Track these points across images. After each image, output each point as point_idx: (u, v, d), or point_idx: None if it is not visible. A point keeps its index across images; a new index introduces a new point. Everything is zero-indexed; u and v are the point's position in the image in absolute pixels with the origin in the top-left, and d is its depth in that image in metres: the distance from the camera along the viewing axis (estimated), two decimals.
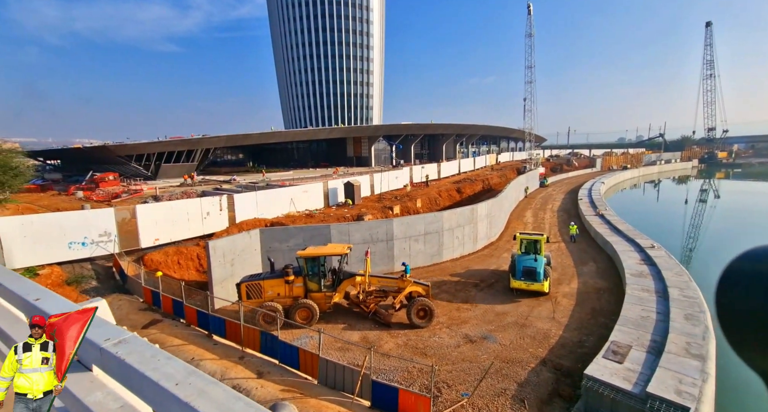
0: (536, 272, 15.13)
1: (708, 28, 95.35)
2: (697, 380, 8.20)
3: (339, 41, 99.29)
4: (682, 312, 11.53)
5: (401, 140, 69.80)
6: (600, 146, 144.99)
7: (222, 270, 15.41)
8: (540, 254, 16.06)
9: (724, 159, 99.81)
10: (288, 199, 25.30)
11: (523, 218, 32.63)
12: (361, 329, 13.45)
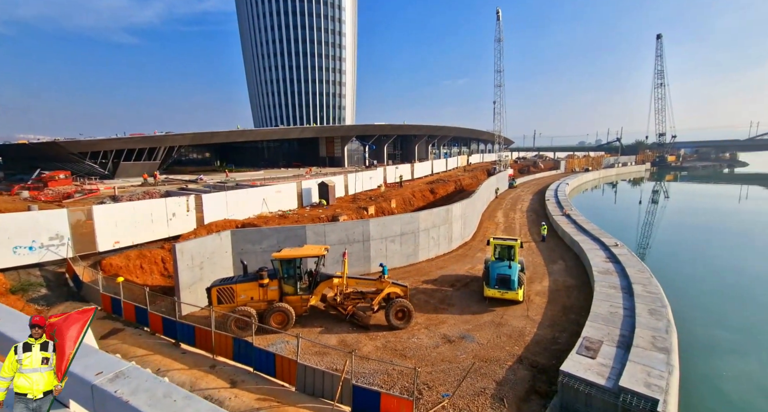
0: (510, 280, 14.78)
1: (658, 41, 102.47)
2: (664, 372, 8.66)
3: (310, 39, 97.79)
4: (647, 307, 12.19)
5: (374, 141, 69.71)
6: (563, 149, 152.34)
7: (190, 274, 14.57)
8: (514, 260, 15.77)
9: (673, 162, 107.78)
10: (260, 199, 24.45)
11: (494, 218, 33.48)
12: (339, 332, 13.17)
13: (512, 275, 14.85)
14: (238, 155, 72.65)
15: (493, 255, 16.63)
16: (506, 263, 15.59)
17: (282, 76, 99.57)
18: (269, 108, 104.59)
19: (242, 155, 72.45)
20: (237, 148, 71.67)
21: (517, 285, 14.76)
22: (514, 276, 14.84)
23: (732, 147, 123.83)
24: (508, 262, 15.65)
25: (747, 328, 15.83)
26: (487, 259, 17.14)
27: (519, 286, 14.80)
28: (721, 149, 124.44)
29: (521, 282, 15.00)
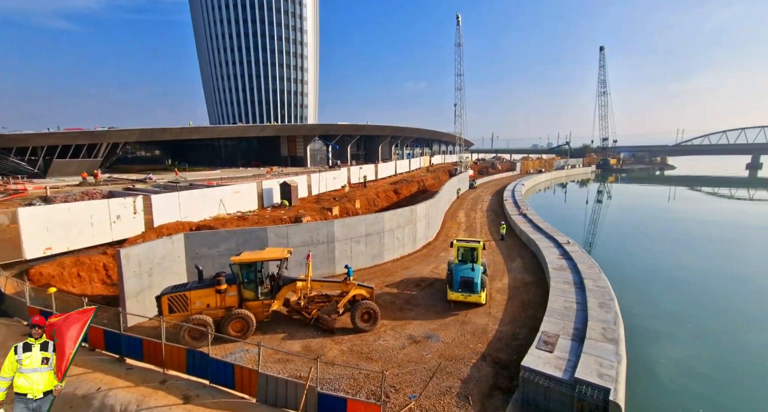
0: (473, 282, 14.68)
1: (601, 52, 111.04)
2: (614, 362, 9.24)
3: (270, 35, 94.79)
4: (597, 301, 13.02)
5: (337, 141, 69.00)
6: (518, 151, 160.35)
7: (137, 281, 13.40)
8: (477, 262, 15.80)
9: (615, 165, 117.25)
10: (217, 200, 23.16)
11: (456, 218, 34.35)
12: (303, 338, 12.74)
13: (475, 278, 14.77)
14: (192, 154, 68.71)
15: (456, 257, 16.53)
16: (469, 265, 15.56)
17: (240, 71, 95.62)
18: (226, 104, 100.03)
19: (197, 154, 68.64)
20: (191, 146, 67.77)
21: (480, 288, 14.69)
22: (477, 279, 14.77)
23: (662, 152, 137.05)
24: (471, 264, 15.63)
25: (681, 315, 17.45)
26: (450, 261, 17.05)
27: (482, 288, 14.74)
28: (654, 154, 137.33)
29: (484, 284, 14.95)
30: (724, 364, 13.55)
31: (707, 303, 19.03)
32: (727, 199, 62.63)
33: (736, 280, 22.41)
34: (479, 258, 16.04)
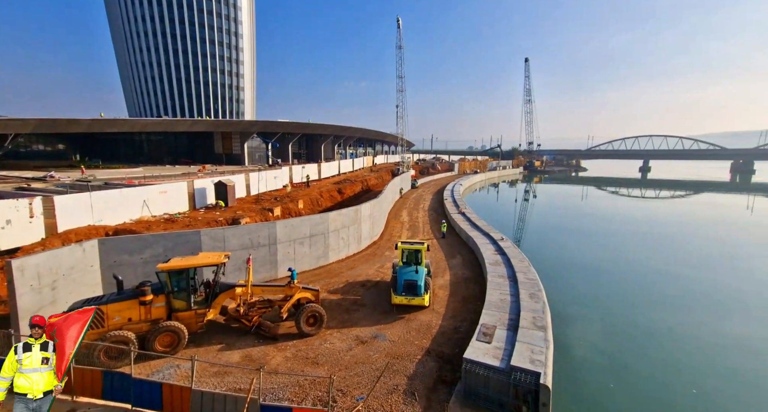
0: (417, 285, 14.51)
1: (527, 63, 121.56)
2: (543, 348, 10.13)
3: (200, 23, 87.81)
4: (527, 292, 14.18)
5: (278, 138, 66.23)
6: (455, 153, 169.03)
7: (35, 297, 11.44)
8: (421, 265, 15.71)
9: (539, 167, 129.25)
10: (140, 201, 20.78)
11: (400, 217, 35.05)
12: (242, 347, 11.97)
13: (419, 281, 14.61)
14: (107, 149, 60.84)
15: (400, 260, 16.30)
16: (413, 267, 15.41)
17: (165, 60, 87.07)
18: (147, 95, 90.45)
19: (113, 149, 61.00)
20: (106, 141, 59.96)
21: (424, 290, 14.57)
22: (421, 281, 14.63)
23: (577, 155, 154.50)
24: (415, 266, 15.50)
25: (593, 299, 19.76)
26: (395, 263, 16.94)
27: (426, 291, 14.66)
28: (570, 157, 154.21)
29: (428, 286, 14.88)
30: (631, 340, 15.64)
31: (614, 287, 21.82)
32: (626, 197, 72.68)
33: (636, 267, 26.03)
34: (423, 260, 16.00)
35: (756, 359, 14.24)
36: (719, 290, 21.63)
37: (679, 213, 53.58)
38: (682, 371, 13.49)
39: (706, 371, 13.53)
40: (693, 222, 45.33)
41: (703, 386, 12.55)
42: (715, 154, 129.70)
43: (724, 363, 14.02)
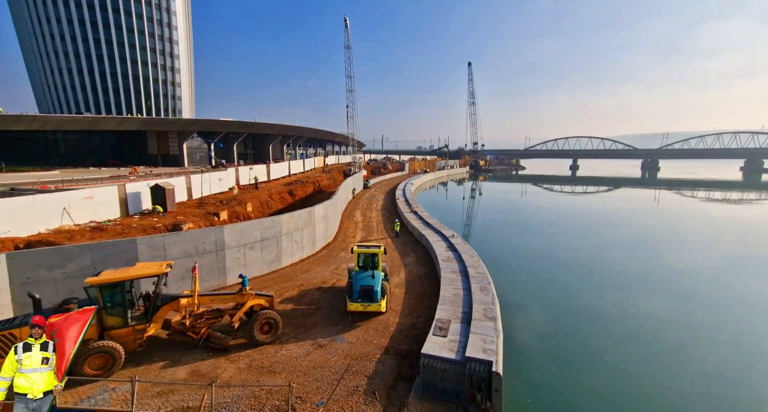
0: (373, 291, 13.97)
1: (470, 67, 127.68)
2: (494, 337, 10.76)
3: (126, 10, 79.95)
4: (478, 286, 14.94)
5: (221, 138, 62.58)
6: (405, 153, 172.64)
7: None
8: (377, 269, 15.19)
9: (483, 166, 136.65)
10: (59, 208, 18.42)
11: (353, 217, 34.96)
12: (190, 362, 11.15)
13: (375, 286, 14.11)
14: (11, 150, 52.73)
15: (356, 264, 15.75)
16: (369, 272, 14.86)
17: (84, 50, 78.04)
18: (62, 89, 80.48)
19: (20, 150, 52.99)
20: (10, 140, 51.97)
21: (380, 295, 14.08)
22: (377, 286, 14.12)
23: (516, 155, 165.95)
24: (371, 271, 14.92)
25: (534, 288, 21.40)
26: (350, 267, 16.46)
27: (382, 296, 14.21)
28: (510, 156, 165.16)
29: (384, 291, 14.39)
30: (567, 323, 17.18)
31: (551, 275, 23.81)
32: (559, 193, 79.61)
33: (569, 255, 28.63)
34: (380, 263, 15.45)
35: (666, 326, 16.43)
36: (636, 271, 24.58)
37: (603, 205, 59.94)
38: (610, 348, 15.13)
39: (629, 345, 15.30)
40: (614, 213, 50.92)
41: (629, 359, 14.19)
42: (630, 154, 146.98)
43: (643, 334, 15.97)
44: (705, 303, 19.69)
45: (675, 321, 17.41)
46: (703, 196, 71.18)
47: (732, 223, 43.88)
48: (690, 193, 76.32)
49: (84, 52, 77.98)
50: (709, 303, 19.69)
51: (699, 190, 79.99)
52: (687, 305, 19.27)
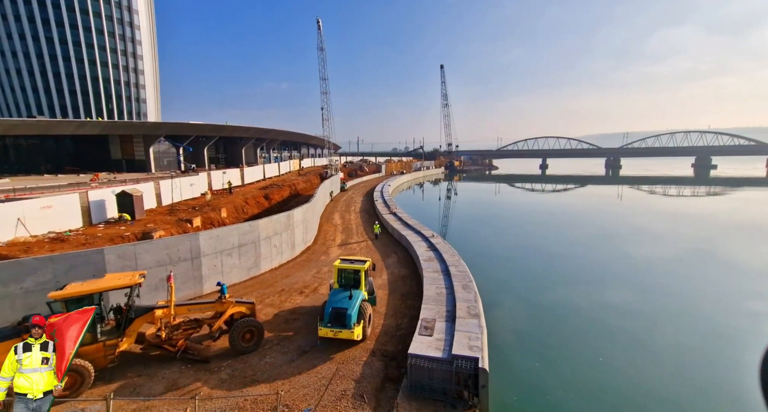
0: (347, 315, 11.85)
1: (442, 70, 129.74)
2: (479, 334, 10.95)
3: (82, 8, 75.52)
4: (460, 284, 15.17)
5: (191, 142, 60.24)
6: (381, 154, 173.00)
7: None
8: (360, 288, 13.20)
9: (458, 166, 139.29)
10: (12, 219, 17.07)
11: (332, 220, 34.63)
12: (167, 376, 10.63)
13: (349, 309, 12.00)
14: None
15: (336, 281, 13.65)
16: (347, 292, 12.80)
17: (35, 49, 72.93)
18: (11, 91, 75.02)
19: None
20: None
21: (356, 319, 12.01)
22: (353, 310, 12.04)
23: (489, 155, 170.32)
24: (350, 291, 12.89)
25: (516, 283, 22.00)
26: (331, 283, 14.46)
27: (359, 320, 12.09)
28: (483, 157, 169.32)
29: (362, 314, 12.33)
30: (544, 317, 17.76)
31: (527, 270, 24.58)
32: (531, 192, 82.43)
33: (542, 251, 29.66)
34: (363, 282, 13.38)
35: (639, 318, 17.33)
36: (607, 265, 25.82)
37: (573, 203, 62.61)
38: (589, 341, 15.75)
39: (606, 338, 16.01)
40: (584, 209, 53.31)
41: (607, 352, 14.81)
42: (594, 153, 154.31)
43: (618, 327, 16.76)
44: (672, 293, 20.91)
45: (646, 312, 18.37)
46: (661, 192, 75.87)
47: (691, 218, 47.03)
48: (649, 189, 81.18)
49: (35, 52, 72.92)
50: (676, 293, 20.95)
51: (657, 186, 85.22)
52: (655, 296, 20.40)
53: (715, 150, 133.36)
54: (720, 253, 29.27)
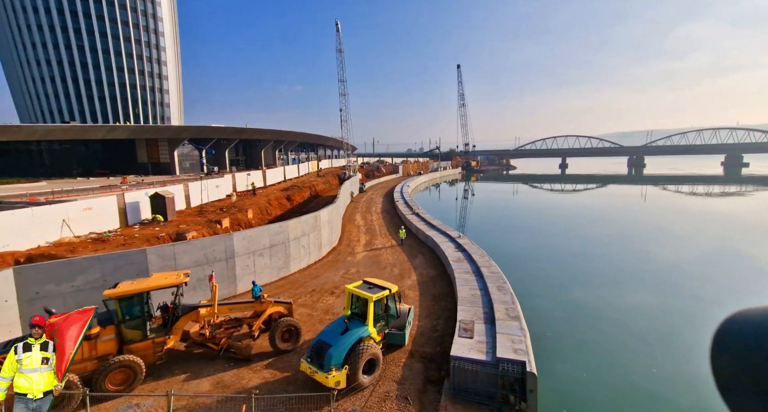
0: (326, 354, 9.54)
1: (458, 70, 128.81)
2: (521, 337, 10.73)
3: (111, 18, 78.56)
4: (495, 285, 14.94)
5: (213, 145, 61.71)
6: (396, 155, 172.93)
7: None
8: (366, 322, 10.50)
9: (475, 167, 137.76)
10: (58, 220, 17.81)
11: (354, 221, 34.75)
12: (211, 374, 10.85)
13: (334, 347, 9.62)
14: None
15: (348, 307, 11.41)
16: (353, 323, 10.59)
17: (67, 57, 76.23)
18: (45, 98, 78.54)
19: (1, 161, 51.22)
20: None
21: (340, 361, 9.48)
22: (338, 349, 9.58)
23: (506, 155, 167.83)
24: (357, 322, 10.67)
25: (551, 286, 21.51)
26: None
27: (346, 363, 9.55)
28: (501, 157, 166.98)
29: (357, 358, 9.66)
30: (586, 323, 17.26)
31: (557, 273, 24.00)
32: (552, 192, 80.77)
33: (573, 252, 28.95)
34: (370, 316, 10.53)
35: (692, 323, 16.66)
36: (643, 266, 24.98)
37: (595, 202, 60.97)
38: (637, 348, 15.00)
39: (657, 345, 15.42)
40: (611, 209, 51.83)
41: (660, 362, 14.24)
42: (616, 151, 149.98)
43: (669, 333, 16.14)
44: (718, 298, 20.01)
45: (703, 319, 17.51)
46: (688, 191, 73.06)
47: (732, 217, 45.07)
48: (678, 188, 78.31)
49: (67, 60, 76.20)
50: (722, 297, 20.05)
51: (684, 186, 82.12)
52: (707, 301, 19.55)
53: (748, 147, 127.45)
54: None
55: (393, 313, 11.83)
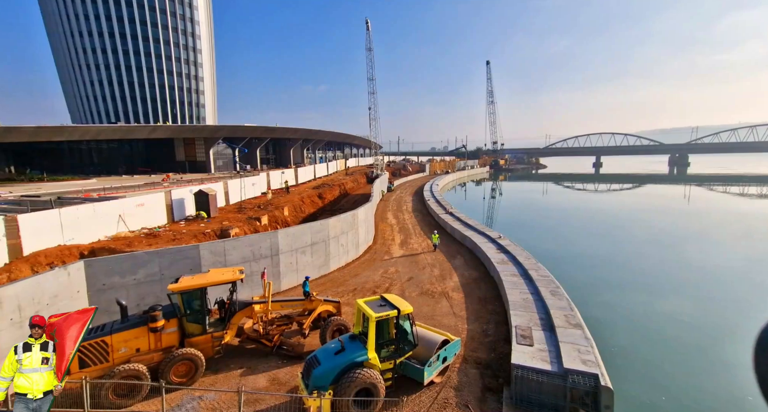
0: (312, 374, 8.53)
1: (488, 66, 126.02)
2: (588, 346, 10.11)
3: (153, 22, 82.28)
4: (547, 289, 14.26)
5: (245, 143, 63.37)
6: (421, 154, 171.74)
7: (16, 333, 9.73)
8: (366, 345, 9.06)
9: (503, 165, 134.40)
10: (114, 216, 18.67)
11: (386, 220, 34.59)
12: (266, 370, 10.94)
13: (323, 366, 8.60)
14: (49, 159, 54.37)
15: (358, 324, 10.01)
16: (352, 344, 9.27)
17: (114, 61, 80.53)
18: (93, 100, 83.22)
19: (56, 160, 54.58)
20: (46, 151, 53.70)
21: (327, 384, 8.36)
22: (328, 369, 8.54)
23: (536, 153, 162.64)
24: (357, 343, 9.31)
25: (608, 290, 20.36)
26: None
27: (331, 382, 8.42)
28: (530, 155, 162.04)
29: (348, 384, 8.39)
30: (656, 332, 15.97)
31: (608, 278, 22.75)
32: (586, 192, 77.40)
33: (620, 254, 27.43)
34: (371, 337, 9.03)
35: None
36: (695, 273, 23.30)
37: (630, 203, 57.81)
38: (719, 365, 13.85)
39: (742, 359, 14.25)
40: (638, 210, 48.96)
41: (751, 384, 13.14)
42: (655, 149, 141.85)
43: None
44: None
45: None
46: (739, 192, 67.91)
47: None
48: (727, 188, 72.98)
49: (114, 64, 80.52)
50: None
51: (735, 186, 76.42)
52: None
53: None
54: None
55: (410, 339, 9.99)
